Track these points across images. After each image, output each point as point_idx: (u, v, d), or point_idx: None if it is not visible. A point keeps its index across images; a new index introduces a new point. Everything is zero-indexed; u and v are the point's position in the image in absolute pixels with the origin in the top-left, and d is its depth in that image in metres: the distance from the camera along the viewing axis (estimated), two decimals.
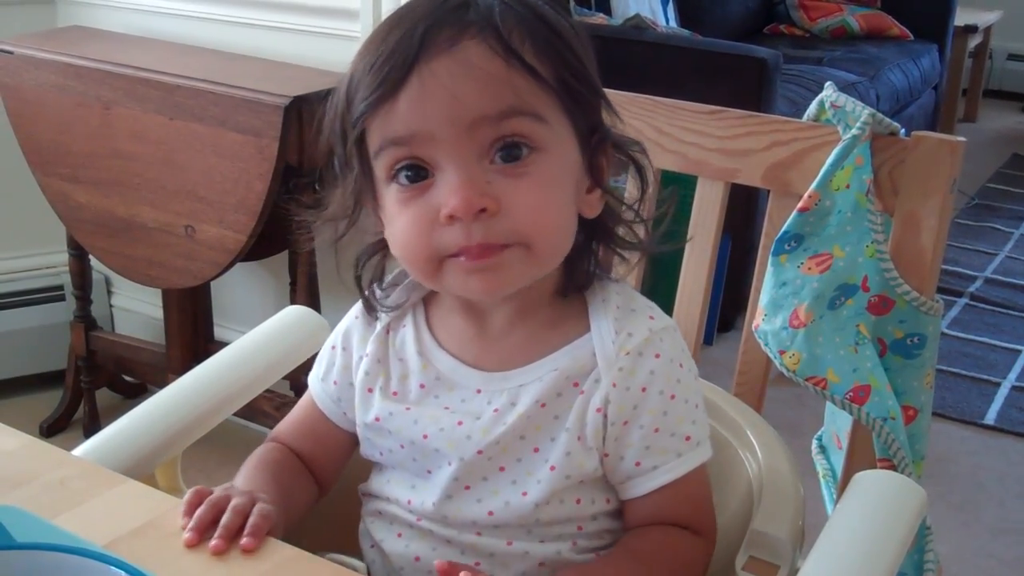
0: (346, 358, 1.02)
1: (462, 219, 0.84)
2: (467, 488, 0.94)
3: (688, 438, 0.93)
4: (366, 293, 1.00)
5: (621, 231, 0.97)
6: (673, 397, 0.92)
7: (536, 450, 0.92)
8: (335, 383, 1.03)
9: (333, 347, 1.04)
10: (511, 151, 0.85)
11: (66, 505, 0.85)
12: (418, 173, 0.86)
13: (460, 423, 0.94)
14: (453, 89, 0.83)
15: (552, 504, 0.92)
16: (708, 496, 0.97)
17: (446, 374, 0.96)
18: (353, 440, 1.02)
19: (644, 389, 0.91)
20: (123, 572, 0.70)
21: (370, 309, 1.00)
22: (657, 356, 0.92)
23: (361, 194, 0.93)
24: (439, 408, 0.95)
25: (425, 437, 0.95)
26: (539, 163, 0.86)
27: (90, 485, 0.88)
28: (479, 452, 0.93)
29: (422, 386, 0.97)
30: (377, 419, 0.98)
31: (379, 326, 1.00)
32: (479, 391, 0.95)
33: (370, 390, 0.99)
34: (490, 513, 0.93)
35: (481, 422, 0.93)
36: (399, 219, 0.88)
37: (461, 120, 0.83)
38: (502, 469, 0.93)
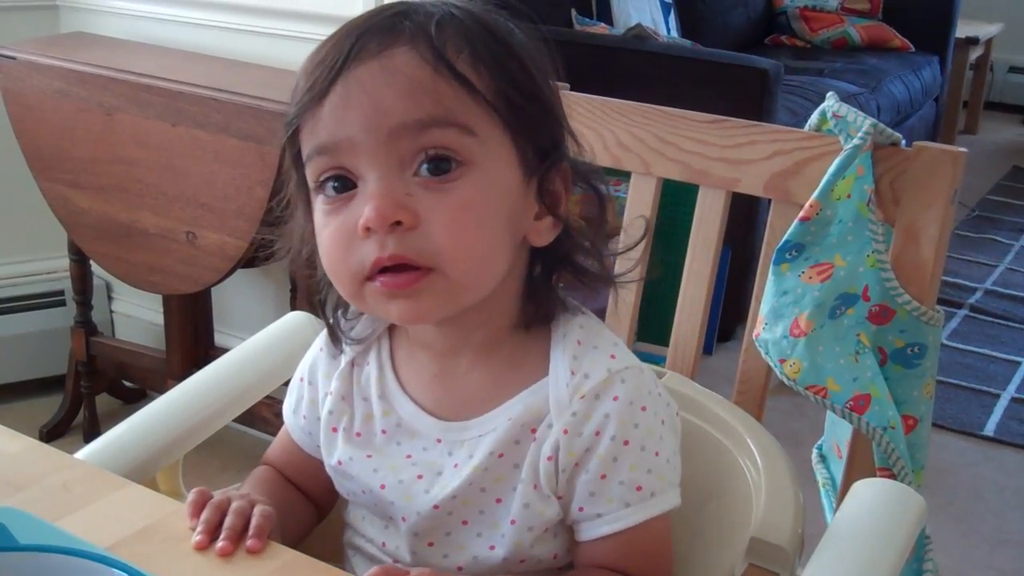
0: (312, 392, 1.00)
1: (377, 231, 0.80)
2: (430, 544, 0.92)
3: (639, 488, 0.87)
4: (331, 321, 0.96)
5: (588, 263, 0.93)
6: (627, 443, 0.87)
7: (499, 501, 0.90)
8: (304, 417, 1.01)
9: (301, 379, 1.02)
10: (438, 164, 0.81)
11: (69, 508, 0.85)
12: (344, 184, 0.83)
13: (420, 476, 0.91)
14: (375, 95, 0.80)
15: (527, 562, 0.90)
16: (665, 550, 0.91)
17: (407, 421, 0.93)
18: None
19: (598, 433, 0.87)
20: (126, 574, 0.70)
21: (335, 339, 0.97)
22: (615, 399, 0.87)
23: (299, 206, 0.90)
24: (401, 457, 0.93)
25: (382, 487, 0.92)
26: (466, 179, 0.81)
27: (92, 488, 0.88)
28: (436, 507, 0.90)
29: (384, 432, 0.94)
30: (339, 463, 0.96)
31: (343, 361, 0.98)
32: (439, 440, 0.92)
33: (334, 429, 0.97)
34: (460, 568, 0.91)
35: (442, 477, 0.90)
36: (324, 232, 0.85)
37: (380, 128, 0.80)
38: (465, 523, 0.90)
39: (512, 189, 0.85)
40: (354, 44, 0.82)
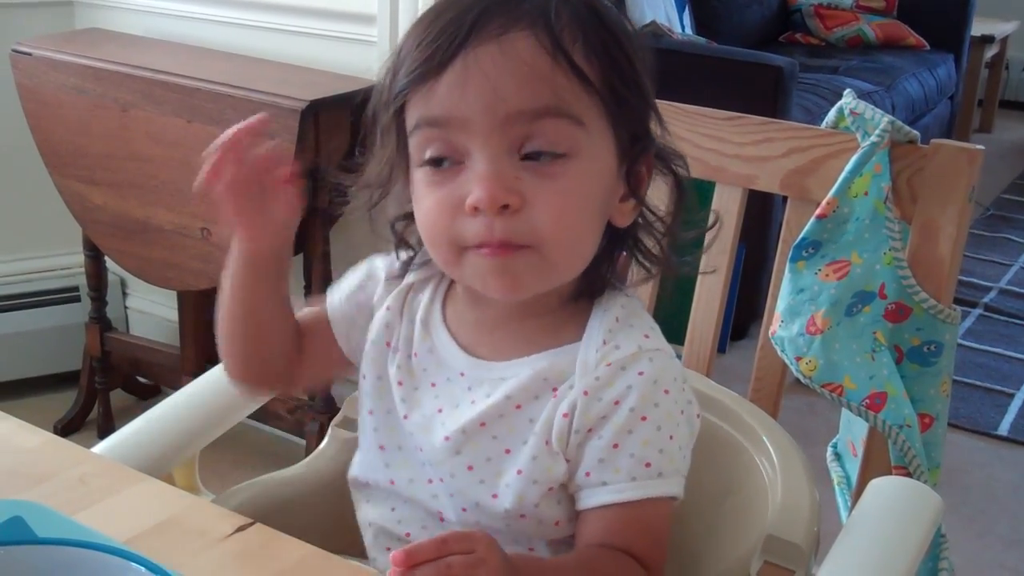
0: (370, 291, 1.01)
1: (485, 212, 0.83)
2: (431, 482, 0.94)
3: (648, 464, 0.87)
4: (398, 241, 0.98)
5: (650, 243, 0.95)
6: (644, 419, 0.87)
7: (507, 452, 0.91)
8: (347, 299, 1.02)
9: (363, 276, 1.03)
10: (544, 150, 0.84)
11: (86, 502, 0.85)
12: (450, 157, 0.85)
13: (440, 410, 0.93)
14: (495, 79, 0.82)
15: (528, 519, 0.91)
16: (663, 536, 0.90)
17: (438, 348, 0.96)
18: (337, 363, 1.02)
19: (617, 402, 0.88)
20: (144, 568, 0.70)
21: (404, 270, 0.99)
22: (640, 374, 0.88)
23: (395, 168, 0.92)
24: (427, 385, 0.95)
25: (405, 417, 0.95)
26: (572, 167, 0.84)
27: (110, 482, 0.89)
28: (446, 438, 0.92)
29: (416, 355, 0.96)
30: (379, 377, 0.98)
31: (405, 281, 0.99)
32: (462, 374, 0.94)
33: (388, 344, 0.98)
34: (463, 510, 0.92)
35: (458, 409, 0.92)
36: (425, 201, 0.87)
37: (497, 112, 0.82)
38: (470, 468, 0.91)
39: (608, 175, 0.88)
40: (476, 21, 0.83)
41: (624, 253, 0.95)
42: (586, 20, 0.85)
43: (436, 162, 0.86)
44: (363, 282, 1.03)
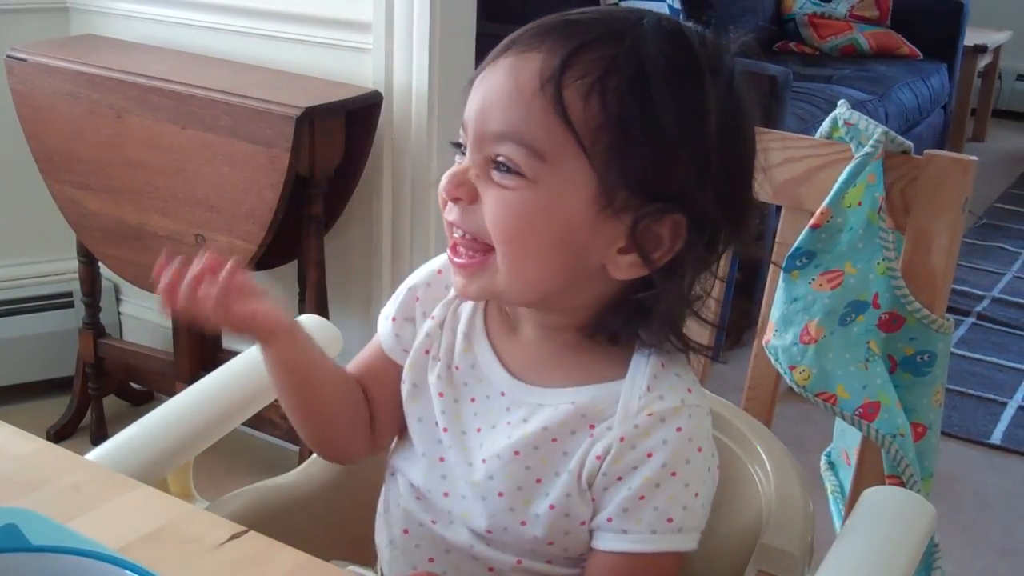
0: (412, 301, 1.02)
1: (446, 198, 0.88)
2: (465, 498, 0.94)
3: (670, 520, 0.88)
4: None
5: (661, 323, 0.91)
6: (674, 474, 0.88)
7: (539, 481, 0.91)
8: (394, 319, 1.02)
9: (409, 288, 1.03)
10: (506, 166, 0.85)
11: (80, 509, 0.85)
12: (463, 145, 0.90)
13: (479, 429, 0.94)
14: (491, 92, 0.86)
15: (555, 545, 0.92)
16: None
17: (481, 364, 0.96)
18: None
19: (650, 455, 0.88)
20: None
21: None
22: (678, 430, 0.88)
23: None
24: (466, 400, 0.95)
25: (444, 430, 0.95)
26: (522, 191, 0.84)
27: (104, 489, 0.89)
28: (482, 461, 0.92)
29: (458, 368, 0.96)
30: (415, 384, 0.99)
31: (451, 292, 0.99)
32: (503, 394, 0.94)
33: (427, 352, 0.99)
34: (489, 532, 0.93)
35: (495, 431, 0.93)
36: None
37: (479, 124, 0.86)
38: (500, 495, 0.92)
39: (572, 218, 0.85)
40: (518, 36, 0.87)
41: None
42: (621, 63, 0.83)
43: (457, 145, 0.90)
44: (404, 298, 1.03)
